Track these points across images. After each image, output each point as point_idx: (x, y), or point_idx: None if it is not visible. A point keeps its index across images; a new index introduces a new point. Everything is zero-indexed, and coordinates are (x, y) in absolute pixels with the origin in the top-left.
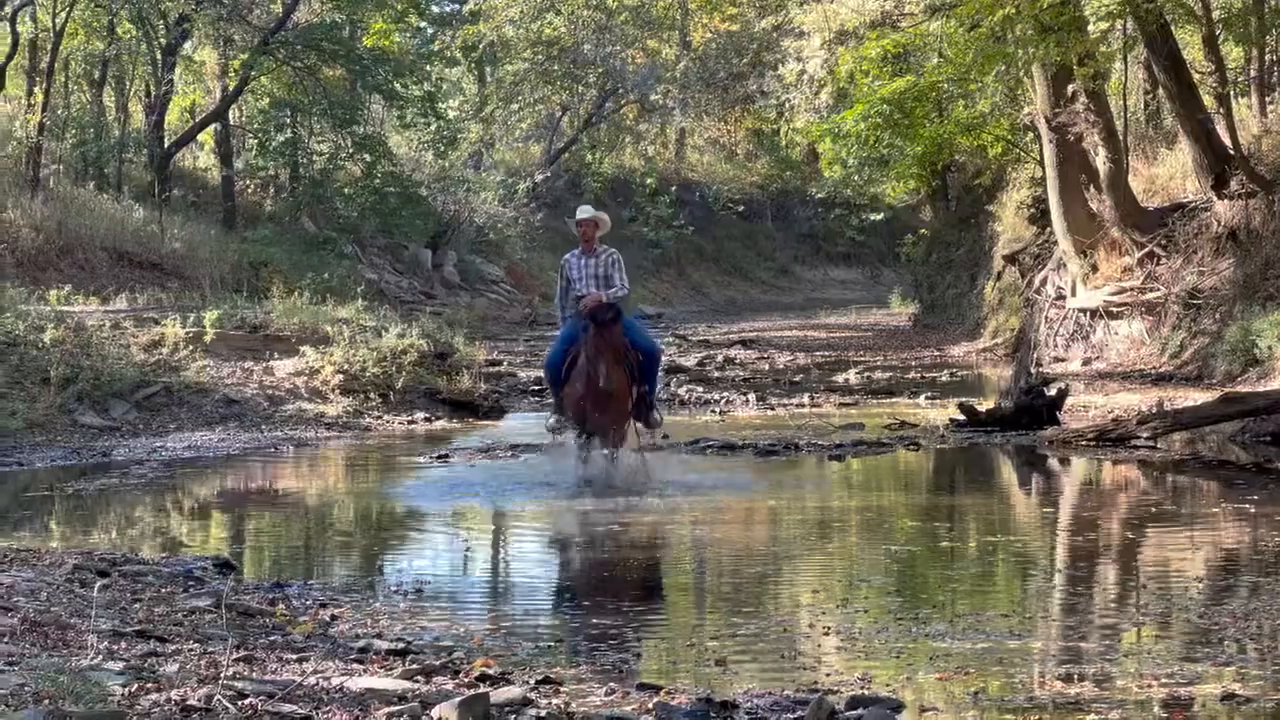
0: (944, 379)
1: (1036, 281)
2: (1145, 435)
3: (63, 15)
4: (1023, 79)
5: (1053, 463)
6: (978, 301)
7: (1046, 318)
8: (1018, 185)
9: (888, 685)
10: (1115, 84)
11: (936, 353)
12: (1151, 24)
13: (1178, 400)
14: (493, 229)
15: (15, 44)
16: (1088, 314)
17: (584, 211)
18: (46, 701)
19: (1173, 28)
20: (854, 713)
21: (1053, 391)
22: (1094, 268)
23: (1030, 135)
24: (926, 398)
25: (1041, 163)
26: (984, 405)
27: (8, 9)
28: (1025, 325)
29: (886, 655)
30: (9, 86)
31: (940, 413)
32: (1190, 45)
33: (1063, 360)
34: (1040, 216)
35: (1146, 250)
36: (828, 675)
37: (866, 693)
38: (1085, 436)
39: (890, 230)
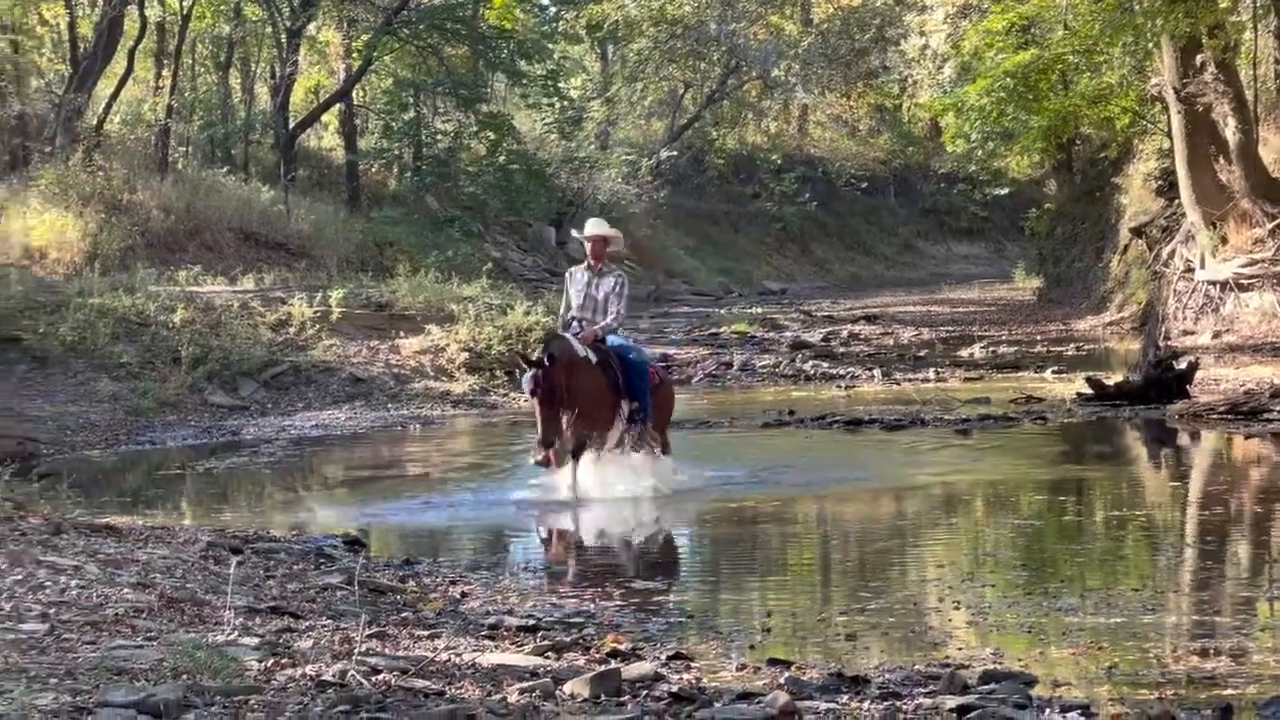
0: (1070, 353)
1: (1164, 254)
2: (1278, 408)
3: None
4: (1150, 50)
5: (1183, 437)
6: (1104, 275)
7: (1175, 290)
8: (1145, 157)
9: (1019, 660)
10: (1245, 53)
11: (1062, 327)
12: None
13: None
14: (616, 206)
15: (143, 28)
16: (1217, 286)
17: (594, 226)
18: (185, 676)
19: None
20: (986, 687)
21: (1182, 365)
22: (1223, 239)
23: (1158, 107)
24: (1053, 372)
25: (1169, 134)
26: (1112, 379)
27: None
28: (1153, 298)
29: (1017, 630)
30: (138, 70)
31: (1067, 387)
32: None
33: (1192, 333)
34: (1168, 188)
35: (1278, 221)
36: (959, 650)
37: (999, 667)
38: (1216, 410)
39: (1014, 204)
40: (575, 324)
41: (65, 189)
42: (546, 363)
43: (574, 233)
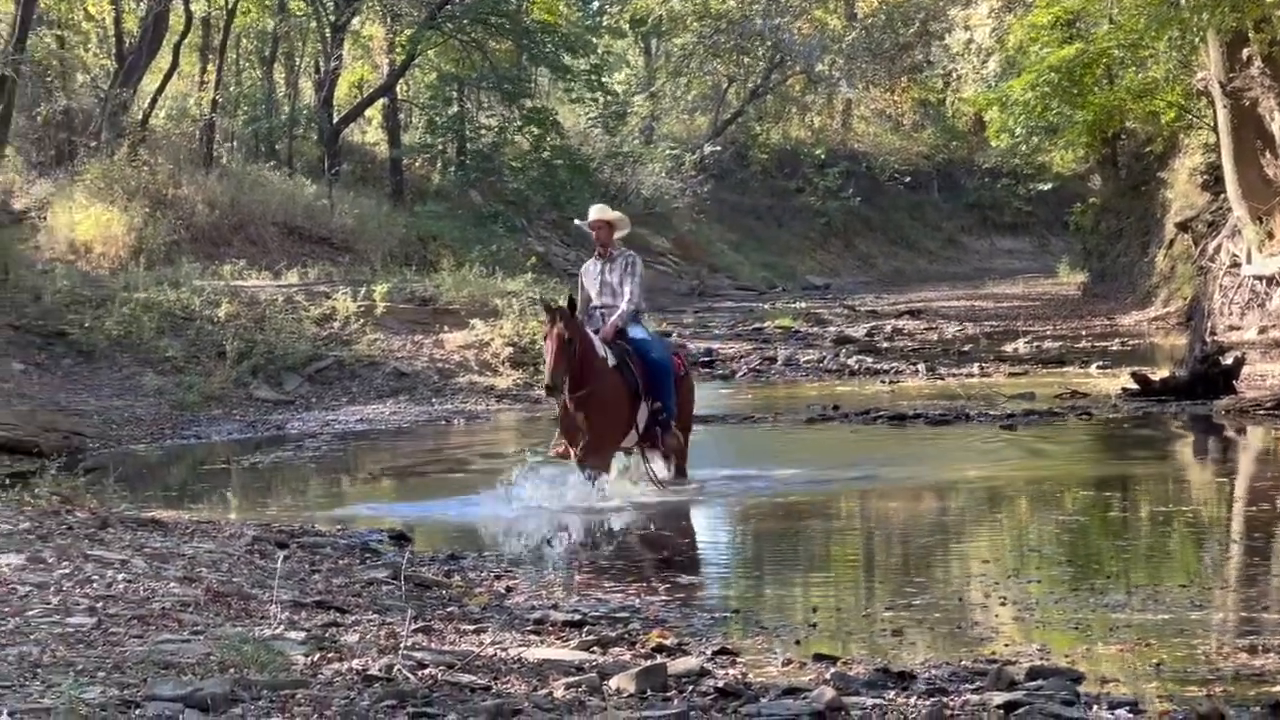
0: (1115, 348)
1: (1210, 249)
2: None
3: None
4: (1196, 44)
5: (1229, 432)
6: (1149, 270)
7: (1221, 285)
8: (1190, 151)
9: (1066, 656)
10: None
11: (1107, 322)
12: None
13: None
14: (660, 201)
15: (189, 22)
16: (1264, 281)
17: (596, 211)
18: (232, 670)
19: None
20: (1033, 683)
21: (1228, 360)
22: (1270, 234)
23: (1203, 101)
24: (1098, 367)
25: (1215, 129)
26: (1157, 374)
27: None
28: (1198, 293)
29: (1064, 626)
30: (183, 65)
31: (1112, 382)
32: None
33: (1238, 329)
34: (1214, 183)
35: None
36: (1005, 646)
37: (1045, 664)
38: (1263, 405)
39: (1058, 199)
40: (598, 314)
41: (111, 184)
42: (566, 307)
43: (577, 221)
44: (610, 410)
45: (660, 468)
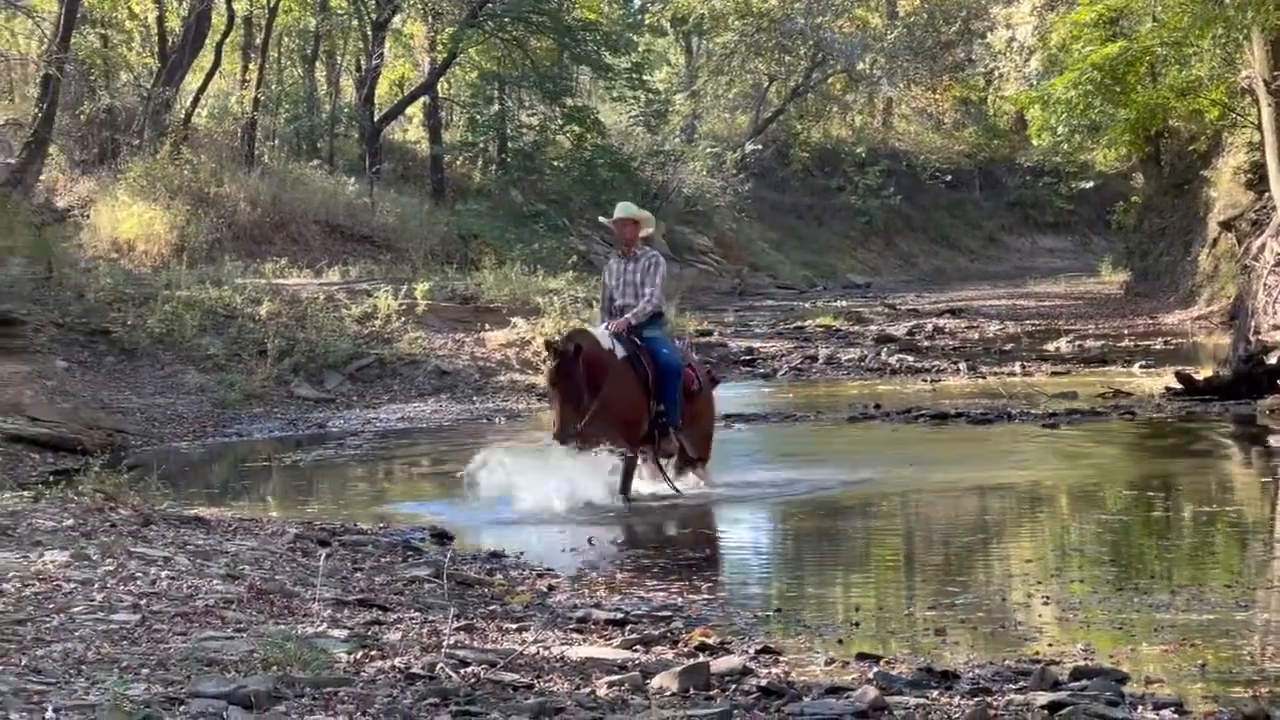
0: (1158, 347)
1: (1254, 248)
2: None
3: None
4: (1241, 42)
5: (1274, 432)
6: (1192, 269)
7: (1265, 284)
8: (1234, 150)
9: (1110, 656)
10: None
11: (1149, 321)
12: None
13: None
14: (701, 199)
15: (231, 21)
16: None
17: (622, 209)
18: (275, 668)
19: None
20: (1078, 684)
21: (1273, 359)
22: None
23: (1248, 99)
24: (1141, 366)
25: (1259, 127)
26: (1201, 374)
27: None
28: (1242, 292)
29: (1107, 626)
30: (225, 64)
31: (1155, 381)
32: None
33: None
34: (1258, 181)
35: None
36: (1049, 646)
37: (1090, 664)
38: None
39: (1100, 198)
40: (619, 313)
41: (153, 182)
42: (570, 352)
43: (601, 219)
44: (623, 401)
45: (672, 474)
